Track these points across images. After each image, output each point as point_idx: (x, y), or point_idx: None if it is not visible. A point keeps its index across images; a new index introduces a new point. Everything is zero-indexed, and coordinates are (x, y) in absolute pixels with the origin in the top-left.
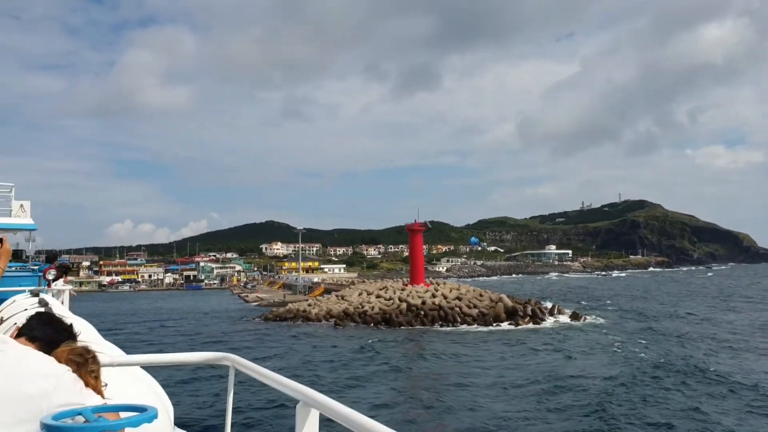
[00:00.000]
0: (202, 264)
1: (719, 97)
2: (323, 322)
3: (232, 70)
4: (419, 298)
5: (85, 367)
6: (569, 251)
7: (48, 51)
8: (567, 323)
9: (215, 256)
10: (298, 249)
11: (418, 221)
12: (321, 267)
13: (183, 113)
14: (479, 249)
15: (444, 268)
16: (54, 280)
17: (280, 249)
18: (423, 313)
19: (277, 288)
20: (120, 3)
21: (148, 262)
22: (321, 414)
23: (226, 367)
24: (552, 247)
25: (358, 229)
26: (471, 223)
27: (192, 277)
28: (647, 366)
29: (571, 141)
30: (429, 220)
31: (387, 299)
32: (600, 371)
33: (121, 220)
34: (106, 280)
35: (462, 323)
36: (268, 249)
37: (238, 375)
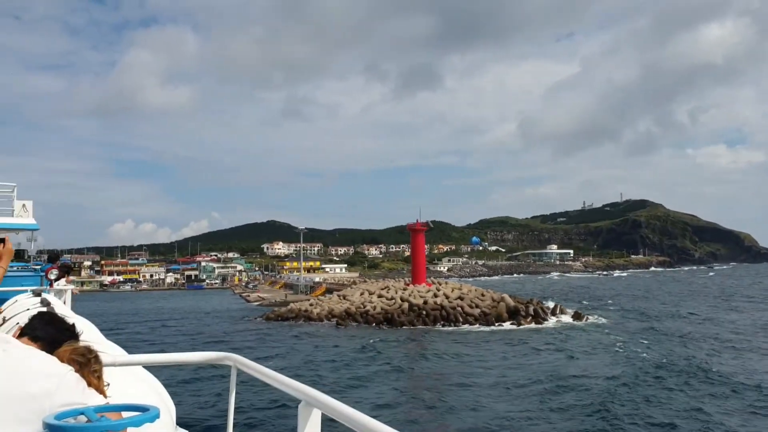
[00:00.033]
0: (203, 264)
1: (720, 97)
2: (325, 321)
3: (232, 70)
4: (421, 297)
5: (88, 367)
6: (570, 251)
7: (48, 51)
8: (569, 323)
9: (216, 255)
10: (299, 249)
11: (420, 221)
12: (322, 267)
13: (183, 113)
14: (480, 249)
15: (445, 267)
16: (56, 279)
17: (281, 249)
18: (425, 313)
19: (279, 288)
20: (122, 3)
21: (149, 261)
22: (323, 414)
23: (228, 367)
24: (553, 247)
25: (359, 229)
26: (472, 223)
27: (193, 277)
28: (649, 366)
29: (572, 141)
30: (430, 219)
31: (389, 299)
32: (602, 371)
33: (122, 220)
34: (107, 279)
35: (464, 323)
36: (269, 249)
37: (240, 375)
